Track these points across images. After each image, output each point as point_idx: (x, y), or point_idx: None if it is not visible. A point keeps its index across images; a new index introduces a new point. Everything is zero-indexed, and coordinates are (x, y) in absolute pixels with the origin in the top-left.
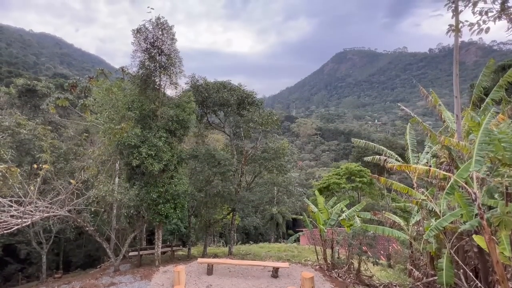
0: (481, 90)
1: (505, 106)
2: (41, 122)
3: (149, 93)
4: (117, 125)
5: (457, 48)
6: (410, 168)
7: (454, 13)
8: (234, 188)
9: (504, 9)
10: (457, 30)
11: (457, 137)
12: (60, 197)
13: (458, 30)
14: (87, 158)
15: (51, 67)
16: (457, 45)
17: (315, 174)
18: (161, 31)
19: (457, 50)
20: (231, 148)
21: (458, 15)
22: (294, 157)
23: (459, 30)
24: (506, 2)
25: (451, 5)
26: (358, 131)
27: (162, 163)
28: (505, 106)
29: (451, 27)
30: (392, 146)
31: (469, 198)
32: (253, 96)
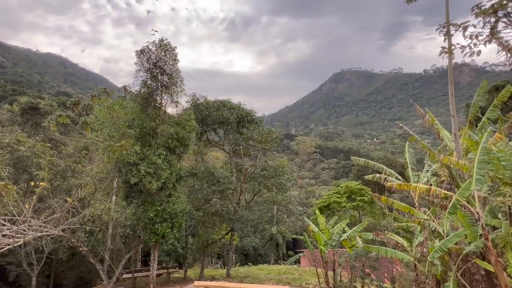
0: (477, 110)
1: (502, 125)
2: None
3: (150, 111)
4: (117, 142)
5: (451, 69)
6: (411, 187)
7: (445, 36)
8: (233, 207)
9: (494, 33)
10: (450, 53)
11: (456, 155)
12: (55, 216)
13: (451, 53)
14: (85, 175)
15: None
16: (451, 67)
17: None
18: (164, 52)
19: (451, 71)
20: (231, 166)
21: (450, 38)
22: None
23: (452, 52)
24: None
25: (442, 30)
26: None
27: (161, 181)
28: (502, 125)
29: (444, 49)
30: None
31: (472, 218)
32: (253, 114)
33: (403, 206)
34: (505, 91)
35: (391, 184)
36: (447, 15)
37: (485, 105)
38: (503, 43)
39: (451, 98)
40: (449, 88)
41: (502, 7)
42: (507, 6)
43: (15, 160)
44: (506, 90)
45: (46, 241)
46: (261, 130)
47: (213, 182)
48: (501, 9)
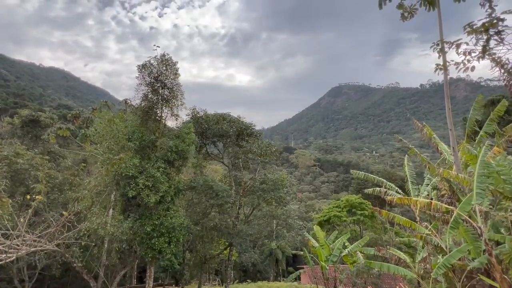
0: (474, 124)
1: (499, 139)
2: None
3: (150, 124)
4: (116, 155)
5: (447, 84)
6: (411, 201)
7: (440, 53)
8: (232, 221)
9: (486, 50)
10: (445, 69)
11: (455, 169)
12: (50, 230)
13: (446, 69)
14: (83, 188)
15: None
16: (446, 82)
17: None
18: (165, 66)
19: (447, 86)
20: (230, 179)
21: (444, 55)
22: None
23: (447, 68)
24: (488, 45)
25: (436, 47)
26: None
27: (159, 194)
28: (499, 139)
29: (439, 66)
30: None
31: (474, 233)
32: (252, 127)
33: (405, 221)
34: (501, 105)
35: (391, 198)
36: (440, 33)
37: (482, 119)
38: (496, 59)
39: (448, 113)
40: (446, 103)
41: (493, 26)
42: (497, 24)
43: (13, 172)
44: (501, 105)
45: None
46: (260, 143)
47: (212, 196)
48: (492, 27)
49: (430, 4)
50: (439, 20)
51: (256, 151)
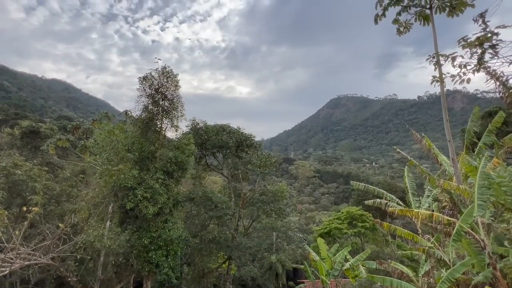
0: (473, 135)
1: (498, 150)
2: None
3: (150, 135)
4: (115, 166)
5: (443, 96)
6: (413, 213)
7: (435, 66)
8: (231, 233)
9: (481, 63)
10: (441, 81)
11: (456, 180)
12: (46, 243)
13: (442, 81)
14: (80, 200)
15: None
16: (443, 94)
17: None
18: (166, 78)
19: (444, 98)
20: (229, 190)
21: (440, 68)
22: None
23: (443, 81)
24: (483, 58)
25: (432, 60)
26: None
27: (157, 206)
28: (498, 150)
29: (435, 78)
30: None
31: (477, 246)
32: (252, 138)
33: (406, 233)
34: (498, 117)
35: (392, 209)
36: (435, 47)
37: (480, 130)
38: (491, 72)
39: (446, 124)
40: (443, 115)
41: (487, 40)
42: (491, 38)
43: (10, 184)
44: (499, 116)
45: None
46: (260, 154)
47: (211, 207)
48: (487, 41)
49: (425, 19)
50: (433, 34)
51: (255, 162)
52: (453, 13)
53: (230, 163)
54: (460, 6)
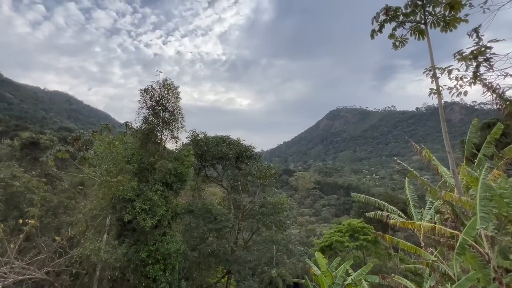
0: (472, 146)
1: (498, 161)
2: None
3: (149, 147)
4: (114, 178)
5: (441, 108)
6: (415, 225)
7: (432, 79)
8: (230, 246)
9: (477, 76)
10: (439, 93)
11: (457, 192)
12: (41, 257)
13: (439, 93)
14: (78, 212)
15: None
16: (441, 106)
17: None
18: (167, 90)
19: (442, 110)
20: (228, 202)
21: (437, 80)
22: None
23: (440, 93)
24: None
25: (429, 73)
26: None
27: (156, 218)
28: (498, 162)
29: (432, 90)
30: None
31: (482, 259)
32: (252, 150)
33: (409, 246)
34: (497, 128)
35: (394, 222)
36: (431, 61)
37: (479, 142)
38: (487, 84)
39: (445, 135)
40: (442, 126)
41: (481, 54)
42: (486, 52)
43: (8, 195)
44: (497, 128)
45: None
46: (259, 166)
47: (210, 220)
48: (481, 55)
49: (420, 34)
50: (429, 48)
51: (255, 173)
52: (447, 29)
53: (229, 174)
54: (453, 22)
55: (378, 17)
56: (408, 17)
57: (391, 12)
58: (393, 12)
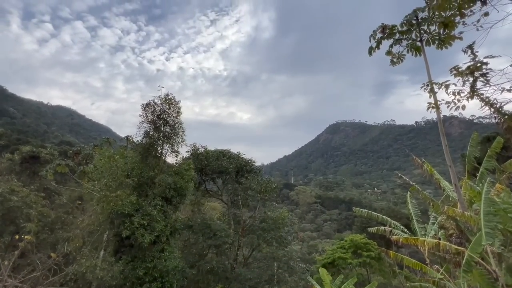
0: (473, 160)
1: (500, 175)
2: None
3: (149, 161)
4: (113, 192)
5: (441, 123)
6: (419, 241)
7: (430, 94)
8: (230, 263)
9: (474, 91)
10: (437, 108)
11: (460, 207)
12: (35, 274)
13: (438, 108)
14: (75, 227)
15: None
16: (440, 121)
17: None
18: (168, 105)
19: (441, 124)
20: (228, 217)
21: (435, 95)
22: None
23: (439, 107)
24: (475, 86)
25: (427, 87)
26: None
27: (154, 234)
28: (500, 176)
29: (431, 105)
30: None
31: (490, 277)
32: (252, 163)
33: (414, 263)
34: (497, 142)
35: (397, 238)
36: (429, 76)
37: (480, 156)
38: (484, 99)
39: (446, 149)
40: (442, 140)
41: (477, 69)
42: (482, 68)
43: (5, 210)
44: (497, 142)
45: None
46: (260, 180)
47: (209, 236)
48: (477, 70)
49: (416, 51)
50: (426, 64)
51: (255, 187)
52: (442, 46)
53: (230, 188)
54: (448, 39)
55: (375, 34)
56: (404, 35)
57: (387, 30)
58: (389, 30)
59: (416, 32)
